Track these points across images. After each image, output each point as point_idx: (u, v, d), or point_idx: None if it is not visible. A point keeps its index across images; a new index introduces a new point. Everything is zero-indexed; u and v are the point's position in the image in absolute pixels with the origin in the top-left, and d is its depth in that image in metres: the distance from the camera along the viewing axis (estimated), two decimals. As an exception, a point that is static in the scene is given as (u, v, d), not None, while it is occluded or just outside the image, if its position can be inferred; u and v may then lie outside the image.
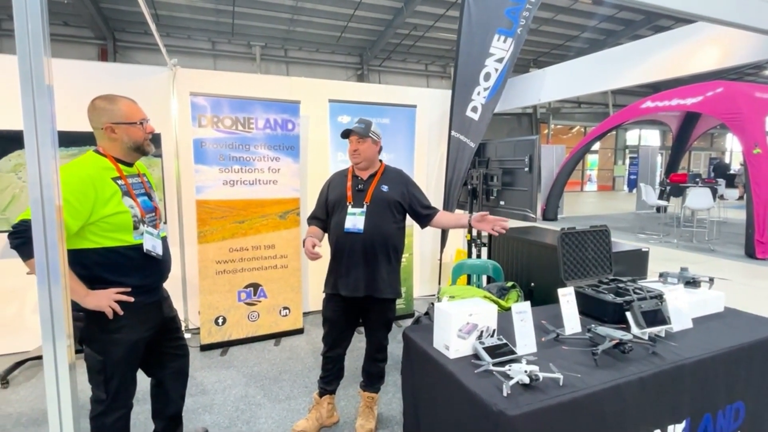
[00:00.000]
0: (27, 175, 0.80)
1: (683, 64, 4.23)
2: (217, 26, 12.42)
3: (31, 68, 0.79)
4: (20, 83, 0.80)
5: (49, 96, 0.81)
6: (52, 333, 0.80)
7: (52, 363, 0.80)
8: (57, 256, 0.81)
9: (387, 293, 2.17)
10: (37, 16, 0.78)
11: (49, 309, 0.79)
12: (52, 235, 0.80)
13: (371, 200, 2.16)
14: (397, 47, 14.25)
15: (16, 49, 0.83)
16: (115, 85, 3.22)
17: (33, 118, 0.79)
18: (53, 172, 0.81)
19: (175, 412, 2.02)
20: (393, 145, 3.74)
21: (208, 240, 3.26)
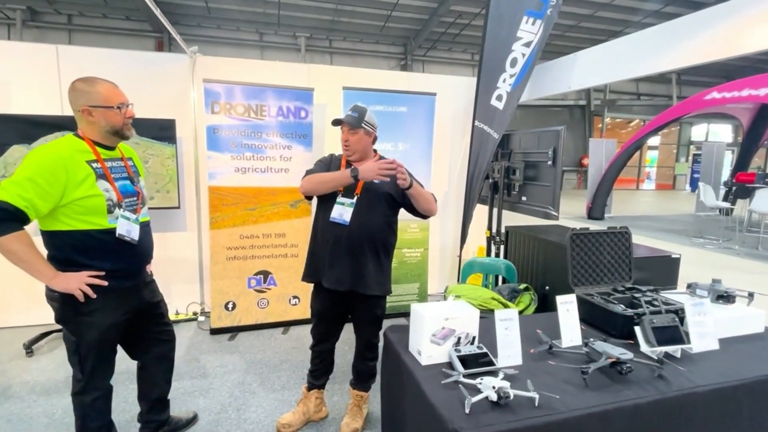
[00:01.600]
0: None
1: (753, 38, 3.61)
2: (264, 17, 12.67)
3: None
4: None
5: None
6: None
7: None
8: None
9: (373, 290, 2.05)
10: None
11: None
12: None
13: (362, 192, 2.04)
14: (441, 36, 13.87)
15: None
16: (137, 73, 3.34)
17: None
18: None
19: (159, 396, 2.04)
20: (410, 135, 3.59)
21: (219, 226, 3.29)
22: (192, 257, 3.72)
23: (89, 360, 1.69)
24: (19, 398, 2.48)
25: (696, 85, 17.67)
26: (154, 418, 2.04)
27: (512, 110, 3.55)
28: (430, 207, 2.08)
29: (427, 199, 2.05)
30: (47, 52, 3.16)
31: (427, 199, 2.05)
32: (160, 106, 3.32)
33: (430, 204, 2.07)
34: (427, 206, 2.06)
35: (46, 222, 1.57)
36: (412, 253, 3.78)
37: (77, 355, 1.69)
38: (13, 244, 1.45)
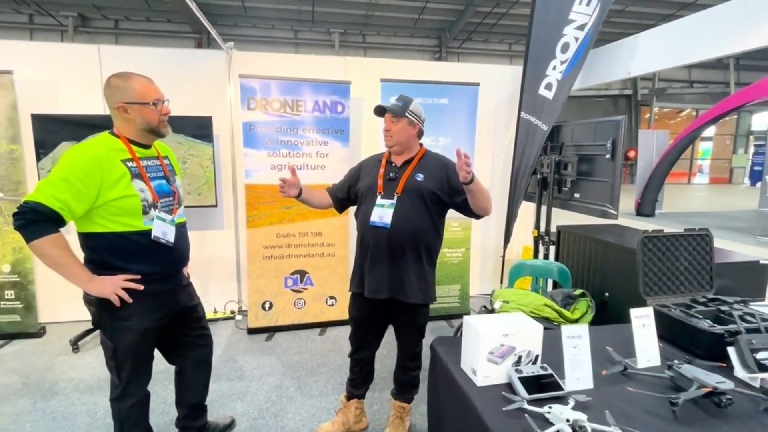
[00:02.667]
0: None
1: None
2: (299, 14, 12.70)
3: None
4: None
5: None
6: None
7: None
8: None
9: (415, 298, 1.89)
10: None
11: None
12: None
13: (403, 191, 1.89)
14: (478, 27, 13.44)
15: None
16: (175, 70, 3.32)
17: None
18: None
19: (197, 401, 1.98)
20: (452, 128, 3.40)
21: (256, 225, 3.24)
22: (230, 255, 3.70)
23: (126, 365, 1.64)
24: (64, 395, 2.51)
25: (757, 71, 16.30)
26: (191, 425, 1.99)
27: (563, 99, 3.29)
28: (487, 205, 1.87)
29: (486, 196, 1.84)
30: (90, 53, 3.20)
31: (486, 196, 1.84)
32: (198, 104, 3.30)
33: (487, 201, 1.86)
34: (484, 204, 1.84)
35: (82, 223, 1.52)
36: (453, 253, 3.60)
37: (114, 360, 1.64)
38: (47, 248, 1.40)
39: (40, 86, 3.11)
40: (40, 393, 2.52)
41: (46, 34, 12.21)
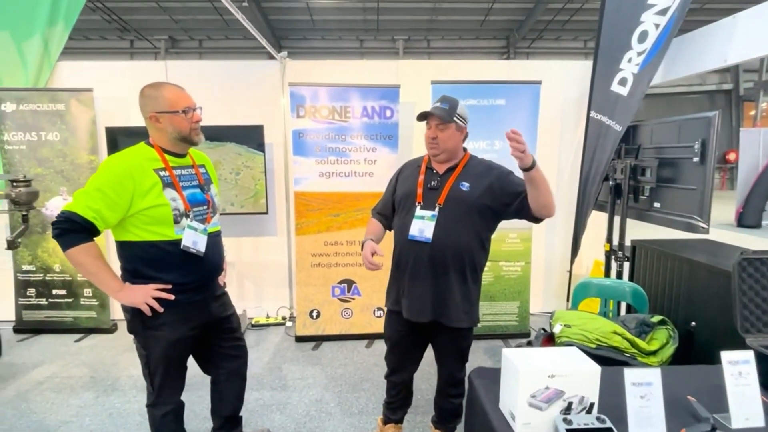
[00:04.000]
0: None
1: None
2: (364, 24, 12.94)
3: None
4: None
5: None
6: None
7: None
8: None
9: (460, 321, 1.70)
10: None
11: None
12: None
13: (446, 201, 1.70)
14: (548, 24, 12.71)
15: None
16: (230, 81, 3.43)
17: None
18: None
19: (231, 413, 1.95)
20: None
21: (305, 232, 3.23)
22: (282, 262, 3.74)
23: (158, 374, 1.65)
24: (123, 392, 2.64)
25: None
26: (225, 436, 1.96)
27: (640, 96, 2.89)
28: (550, 200, 1.61)
29: (549, 189, 1.59)
30: (158, 69, 3.42)
31: (549, 189, 1.59)
32: (253, 113, 3.39)
33: (550, 196, 1.60)
34: (546, 198, 1.59)
35: (117, 232, 1.54)
36: (511, 267, 3.31)
37: (147, 368, 1.65)
38: (80, 256, 1.44)
39: (114, 102, 3.38)
40: (103, 388, 2.68)
41: (143, 56, 13.65)
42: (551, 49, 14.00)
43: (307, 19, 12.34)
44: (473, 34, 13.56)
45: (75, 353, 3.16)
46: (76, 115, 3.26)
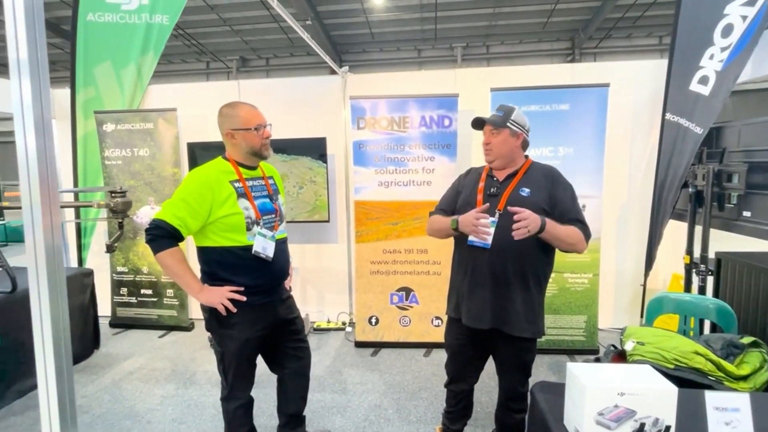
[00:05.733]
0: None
1: None
2: (422, 34, 13.05)
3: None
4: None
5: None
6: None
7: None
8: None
9: (521, 330, 1.66)
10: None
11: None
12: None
13: (506, 207, 1.69)
14: (618, 22, 11.99)
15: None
16: (296, 96, 3.64)
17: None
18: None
19: (295, 412, 2.04)
20: (574, 137, 3.01)
21: (364, 240, 3.31)
22: (342, 269, 3.86)
23: (231, 370, 1.78)
24: (199, 386, 2.86)
25: None
26: (289, 433, 2.06)
27: (724, 95, 2.65)
28: (573, 248, 1.67)
29: (568, 242, 1.64)
30: (232, 88, 3.72)
31: (569, 242, 1.64)
32: (316, 126, 3.56)
33: (572, 246, 1.65)
34: (566, 247, 1.66)
35: (198, 238, 1.71)
36: (577, 279, 3.15)
37: (222, 364, 1.79)
38: (167, 260, 1.61)
39: (194, 119, 3.72)
40: (182, 381, 2.93)
41: (217, 76, 14.81)
42: (622, 47, 13.18)
43: (366, 32, 12.70)
44: (535, 37, 13.14)
45: (159, 348, 3.48)
46: (162, 132, 3.63)
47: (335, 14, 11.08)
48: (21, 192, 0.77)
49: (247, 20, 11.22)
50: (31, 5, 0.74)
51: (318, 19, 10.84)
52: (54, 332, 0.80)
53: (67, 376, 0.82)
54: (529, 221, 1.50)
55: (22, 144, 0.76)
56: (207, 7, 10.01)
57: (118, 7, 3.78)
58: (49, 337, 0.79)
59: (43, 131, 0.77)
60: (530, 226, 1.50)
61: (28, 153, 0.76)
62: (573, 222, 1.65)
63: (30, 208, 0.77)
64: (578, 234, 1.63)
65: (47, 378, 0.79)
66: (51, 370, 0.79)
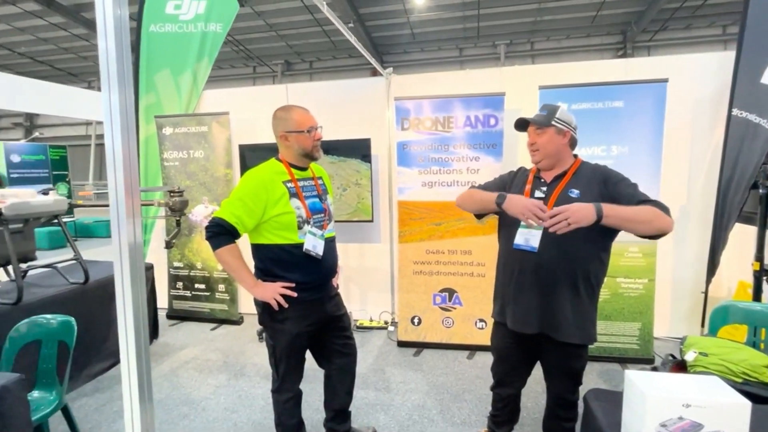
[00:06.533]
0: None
1: None
2: (464, 32, 12.90)
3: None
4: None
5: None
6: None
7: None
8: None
9: (570, 336, 1.61)
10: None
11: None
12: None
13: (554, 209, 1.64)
14: (675, 12, 11.29)
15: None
16: (341, 98, 3.71)
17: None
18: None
19: (341, 407, 2.09)
20: (628, 135, 2.87)
21: (407, 240, 3.33)
22: (385, 268, 3.90)
23: (282, 363, 1.85)
24: (248, 378, 2.99)
25: None
26: (336, 428, 2.11)
27: (803, 88, 2.44)
28: (654, 226, 1.47)
29: (642, 219, 1.46)
30: (280, 92, 3.85)
31: (643, 220, 1.46)
32: (362, 127, 3.62)
33: (650, 224, 1.47)
34: (646, 228, 1.48)
35: (252, 236, 1.79)
36: (631, 285, 3.01)
37: (273, 357, 1.87)
38: (225, 255, 1.70)
39: (245, 122, 3.88)
40: (233, 372, 3.07)
41: (263, 79, 15.34)
42: (680, 40, 12.38)
43: (407, 33, 12.71)
44: (583, 32, 12.64)
45: (211, 340, 3.66)
46: (216, 135, 3.81)
47: (377, 16, 11.18)
48: (109, 191, 0.85)
49: (292, 25, 11.56)
50: (120, 27, 0.81)
51: (360, 22, 10.98)
52: (135, 319, 0.87)
53: (145, 357, 0.90)
54: (568, 213, 1.40)
55: (110, 148, 0.84)
56: (254, 14, 10.41)
57: (177, 17, 4.02)
58: (131, 323, 0.87)
59: (128, 137, 0.84)
60: (572, 218, 1.40)
61: (115, 156, 0.84)
62: (642, 203, 1.51)
63: (116, 206, 0.85)
64: (652, 210, 1.47)
65: (129, 358, 0.87)
66: (132, 352, 0.87)
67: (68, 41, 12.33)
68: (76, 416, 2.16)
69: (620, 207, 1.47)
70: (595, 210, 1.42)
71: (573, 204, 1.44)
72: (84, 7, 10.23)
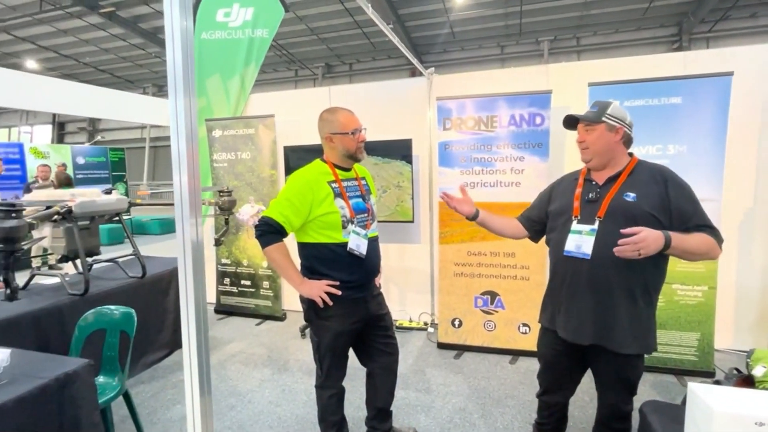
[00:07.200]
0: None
1: None
2: (505, 30, 12.63)
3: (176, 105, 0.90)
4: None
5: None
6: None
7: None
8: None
9: (628, 346, 1.53)
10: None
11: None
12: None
13: (607, 214, 1.55)
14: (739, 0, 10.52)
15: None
16: (383, 99, 3.73)
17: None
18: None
19: (383, 405, 2.10)
20: (687, 133, 2.71)
21: (448, 241, 3.30)
22: (425, 269, 3.88)
23: (326, 359, 1.89)
24: (291, 373, 3.07)
25: None
26: (377, 426, 2.13)
27: None
28: (704, 258, 1.53)
29: (700, 252, 1.48)
30: (323, 94, 3.93)
31: (700, 253, 1.49)
32: (403, 128, 3.63)
33: (703, 256, 1.51)
34: (697, 259, 1.56)
35: (299, 235, 1.84)
36: (689, 292, 2.83)
37: (318, 354, 1.91)
38: (274, 253, 1.75)
39: (289, 125, 3.99)
40: (277, 366, 3.16)
41: (304, 83, 15.70)
42: (744, 29, 11.51)
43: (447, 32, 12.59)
44: (634, 24, 12.03)
45: (256, 335, 3.79)
46: (262, 137, 3.95)
47: (416, 16, 11.16)
48: (174, 191, 0.90)
49: (333, 28, 11.75)
50: (186, 37, 0.87)
51: (399, 22, 11.00)
52: (196, 311, 0.92)
53: (205, 350, 0.95)
54: (641, 245, 1.36)
55: (175, 151, 0.89)
56: (297, 18, 10.68)
57: (226, 24, 4.20)
58: (192, 316, 0.92)
59: (192, 141, 0.89)
60: (644, 249, 1.36)
61: (180, 159, 0.89)
62: (700, 229, 1.47)
63: (181, 205, 0.90)
64: (709, 241, 1.45)
65: (190, 351, 0.92)
66: (194, 345, 0.92)
67: (126, 51, 13.17)
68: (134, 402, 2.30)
69: (686, 239, 1.44)
70: (665, 242, 1.40)
71: (646, 232, 1.37)
72: (141, 18, 10.90)
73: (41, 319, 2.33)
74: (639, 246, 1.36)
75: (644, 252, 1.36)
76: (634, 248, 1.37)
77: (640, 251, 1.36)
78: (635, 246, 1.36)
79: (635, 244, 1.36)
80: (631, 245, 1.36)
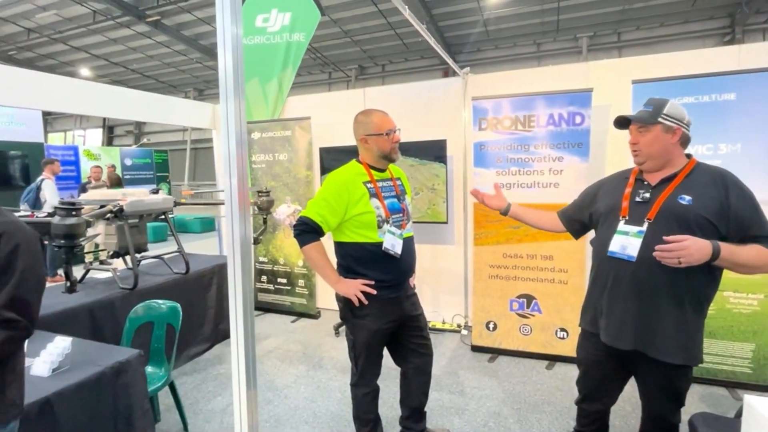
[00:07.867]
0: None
1: None
2: (541, 27, 12.32)
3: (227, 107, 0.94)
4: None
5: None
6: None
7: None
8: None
9: (672, 356, 1.46)
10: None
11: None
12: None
13: (658, 216, 1.48)
14: (800, -12, 9.80)
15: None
16: (417, 100, 3.73)
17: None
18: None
19: (417, 406, 2.11)
20: (741, 131, 2.55)
21: (483, 242, 3.26)
22: (458, 271, 3.85)
23: (361, 358, 1.92)
24: (326, 370, 3.12)
25: None
26: (411, 426, 2.13)
27: None
28: (757, 272, 1.45)
29: (753, 266, 1.41)
30: (358, 95, 3.97)
31: (753, 266, 1.41)
32: (438, 128, 3.62)
33: (757, 270, 1.44)
34: (750, 273, 1.46)
35: (335, 234, 1.88)
36: (741, 300, 2.67)
37: (353, 352, 1.94)
38: (311, 252, 1.79)
39: (324, 127, 4.05)
40: (312, 363, 3.23)
41: (338, 85, 15.91)
42: (803, 19, 10.72)
43: (481, 31, 12.42)
44: (681, 17, 11.44)
45: (291, 332, 3.88)
46: (298, 138, 4.04)
47: (449, 16, 11.07)
48: (224, 192, 0.95)
49: (366, 30, 11.84)
50: (236, 43, 0.91)
51: (433, 22, 10.94)
52: (244, 306, 0.96)
53: (251, 345, 0.99)
54: (682, 253, 1.32)
55: (225, 153, 0.94)
56: (331, 21, 10.84)
57: (265, 30, 4.33)
58: (240, 310, 0.96)
59: (241, 143, 0.94)
60: (685, 258, 1.32)
61: (230, 161, 0.93)
62: (758, 240, 1.39)
63: (231, 205, 0.94)
64: (765, 257, 1.37)
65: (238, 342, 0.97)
66: (241, 337, 0.96)
67: (170, 57, 13.78)
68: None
69: (738, 251, 1.38)
70: (711, 253, 1.34)
71: (690, 240, 1.33)
72: (183, 26, 11.39)
73: (95, 311, 2.49)
74: (679, 254, 1.32)
75: (685, 261, 1.32)
76: (673, 255, 1.33)
77: (680, 259, 1.32)
78: (675, 254, 1.33)
79: (675, 251, 1.32)
80: (672, 253, 1.33)
